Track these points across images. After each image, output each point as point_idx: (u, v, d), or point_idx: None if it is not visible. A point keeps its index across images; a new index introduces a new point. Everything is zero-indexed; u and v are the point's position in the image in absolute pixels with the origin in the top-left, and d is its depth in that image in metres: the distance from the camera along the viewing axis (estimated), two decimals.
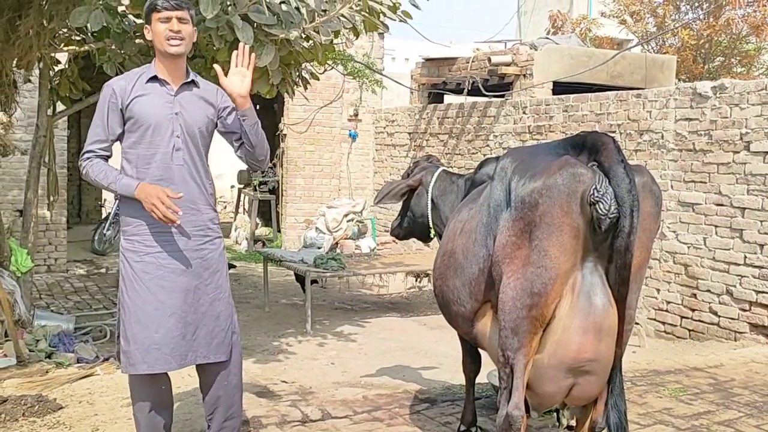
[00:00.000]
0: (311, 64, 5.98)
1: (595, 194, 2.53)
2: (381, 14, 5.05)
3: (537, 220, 2.59)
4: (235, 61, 3.09)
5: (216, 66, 3.19)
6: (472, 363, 3.69)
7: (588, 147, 2.67)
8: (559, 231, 2.57)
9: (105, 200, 14.60)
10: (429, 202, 3.89)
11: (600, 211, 2.52)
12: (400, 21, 5.19)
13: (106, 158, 3.13)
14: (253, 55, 3.13)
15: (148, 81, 3.09)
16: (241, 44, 3.15)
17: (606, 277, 2.64)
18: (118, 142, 3.15)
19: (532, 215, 2.60)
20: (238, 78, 3.07)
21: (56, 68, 6.16)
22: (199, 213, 3.13)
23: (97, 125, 3.08)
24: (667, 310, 7.22)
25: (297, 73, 5.84)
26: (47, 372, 4.76)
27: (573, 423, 3.05)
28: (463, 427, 3.71)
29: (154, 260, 3.05)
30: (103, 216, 12.83)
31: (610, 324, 2.64)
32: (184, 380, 4.62)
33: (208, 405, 3.27)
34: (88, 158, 3.08)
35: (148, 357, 3.01)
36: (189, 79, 3.15)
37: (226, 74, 3.09)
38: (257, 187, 12.70)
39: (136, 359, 3.02)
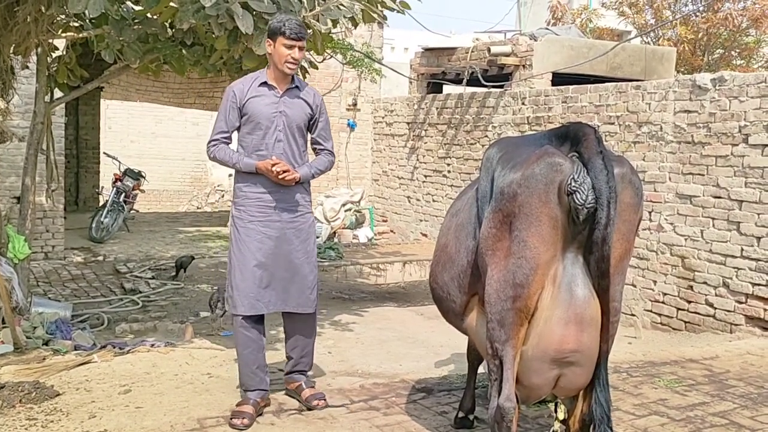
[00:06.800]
0: (309, 53, 5.96)
1: (573, 184, 2.52)
2: (380, 4, 5.05)
3: (516, 211, 2.59)
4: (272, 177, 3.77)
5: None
6: (476, 350, 3.69)
7: (570, 137, 2.66)
8: (538, 222, 2.56)
9: (102, 188, 14.56)
10: None
11: (577, 201, 2.52)
12: (398, 12, 5.18)
13: (227, 144, 3.91)
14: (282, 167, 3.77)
15: (260, 85, 3.83)
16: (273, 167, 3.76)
17: (587, 268, 2.63)
18: (236, 132, 3.92)
19: (511, 206, 2.60)
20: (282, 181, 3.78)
21: (54, 55, 6.13)
22: (293, 192, 3.86)
23: (221, 119, 3.87)
24: (663, 302, 7.24)
25: None
26: (44, 359, 4.75)
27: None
28: (461, 414, 3.71)
29: (255, 227, 3.80)
30: (101, 203, 12.78)
31: (591, 315, 2.63)
32: (182, 368, 4.63)
33: (289, 345, 4.05)
34: (215, 144, 3.89)
35: (245, 302, 3.79)
36: (293, 85, 3.87)
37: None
38: None
39: (238, 303, 3.80)
